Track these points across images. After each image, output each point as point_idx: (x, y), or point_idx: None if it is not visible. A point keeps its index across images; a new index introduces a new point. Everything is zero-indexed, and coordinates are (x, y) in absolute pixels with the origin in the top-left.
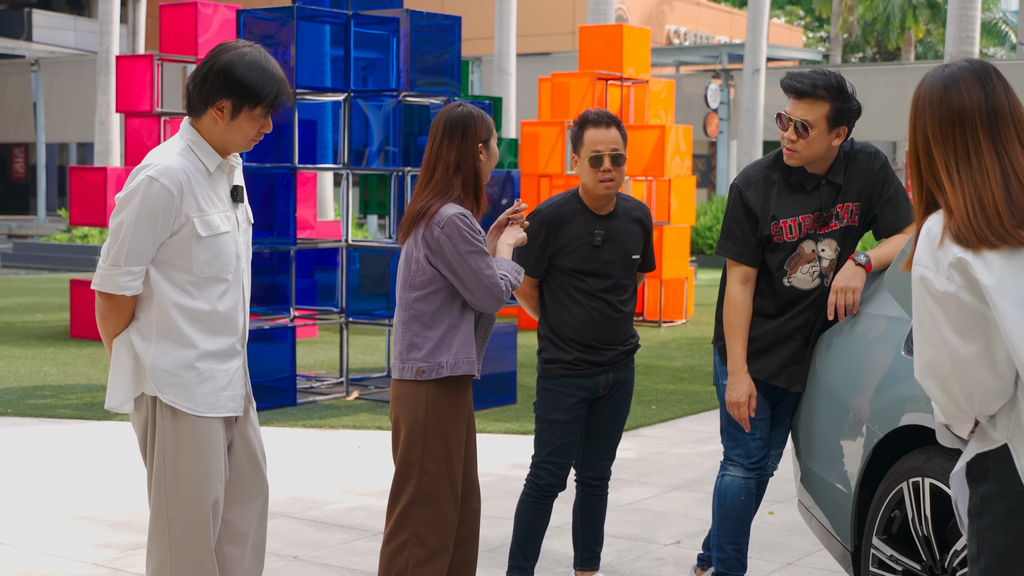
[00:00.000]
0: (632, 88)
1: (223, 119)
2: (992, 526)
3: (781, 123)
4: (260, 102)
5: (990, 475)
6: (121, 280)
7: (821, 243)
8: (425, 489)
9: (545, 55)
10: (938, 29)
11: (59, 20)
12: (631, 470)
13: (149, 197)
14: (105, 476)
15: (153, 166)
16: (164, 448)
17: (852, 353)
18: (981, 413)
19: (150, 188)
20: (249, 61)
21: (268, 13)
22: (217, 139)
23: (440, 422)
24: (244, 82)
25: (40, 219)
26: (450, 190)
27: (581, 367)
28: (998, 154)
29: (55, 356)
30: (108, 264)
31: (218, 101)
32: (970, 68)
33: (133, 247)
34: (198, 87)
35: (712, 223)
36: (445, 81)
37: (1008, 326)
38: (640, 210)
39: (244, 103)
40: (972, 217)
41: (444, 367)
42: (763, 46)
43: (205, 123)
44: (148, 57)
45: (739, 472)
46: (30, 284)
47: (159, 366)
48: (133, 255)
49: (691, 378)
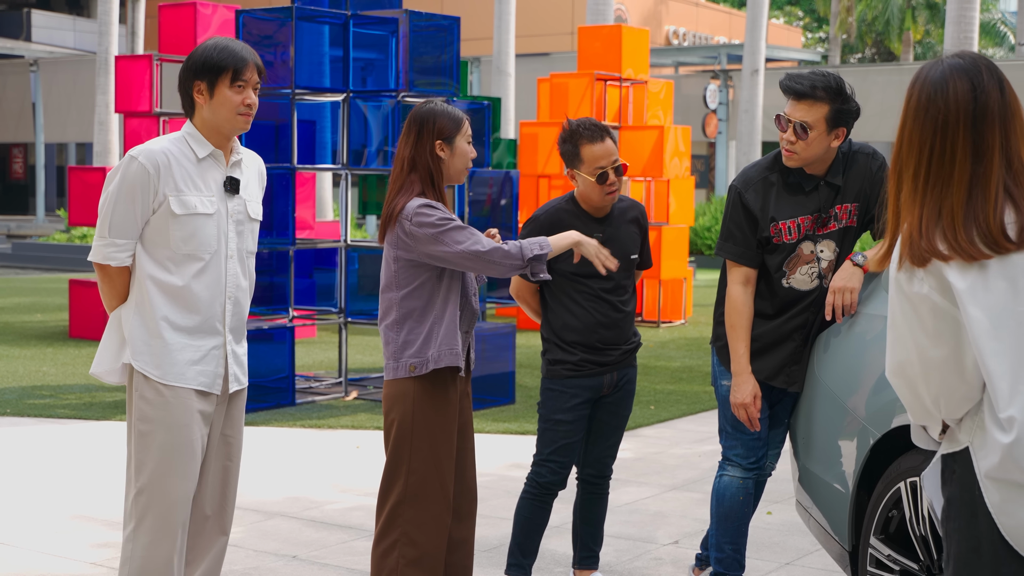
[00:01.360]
0: (631, 88)
1: (204, 101)
2: (957, 530)
3: (780, 124)
4: (225, 71)
5: (954, 477)
6: (106, 251)
7: (820, 244)
8: (413, 489)
9: (544, 55)
10: (937, 30)
11: (58, 20)
12: (630, 470)
13: (128, 174)
14: (104, 476)
15: (137, 148)
16: (135, 417)
17: (850, 353)
18: (947, 416)
19: (129, 166)
20: (210, 44)
21: (267, 13)
22: (208, 124)
23: (427, 420)
24: (208, 60)
25: (39, 219)
26: (411, 186)
27: (586, 368)
28: (975, 163)
29: (54, 356)
30: (96, 236)
31: (194, 85)
32: (961, 67)
33: (115, 220)
34: (181, 84)
35: (711, 223)
36: (444, 81)
37: (977, 332)
38: (635, 209)
39: (216, 77)
40: (925, 230)
41: (430, 361)
42: (762, 47)
43: (197, 115)
44: (147, 57)
45: (737, 472)
46: (29, 284)
47: (135, 335)
48: (116, 228)
49: (690, 378)
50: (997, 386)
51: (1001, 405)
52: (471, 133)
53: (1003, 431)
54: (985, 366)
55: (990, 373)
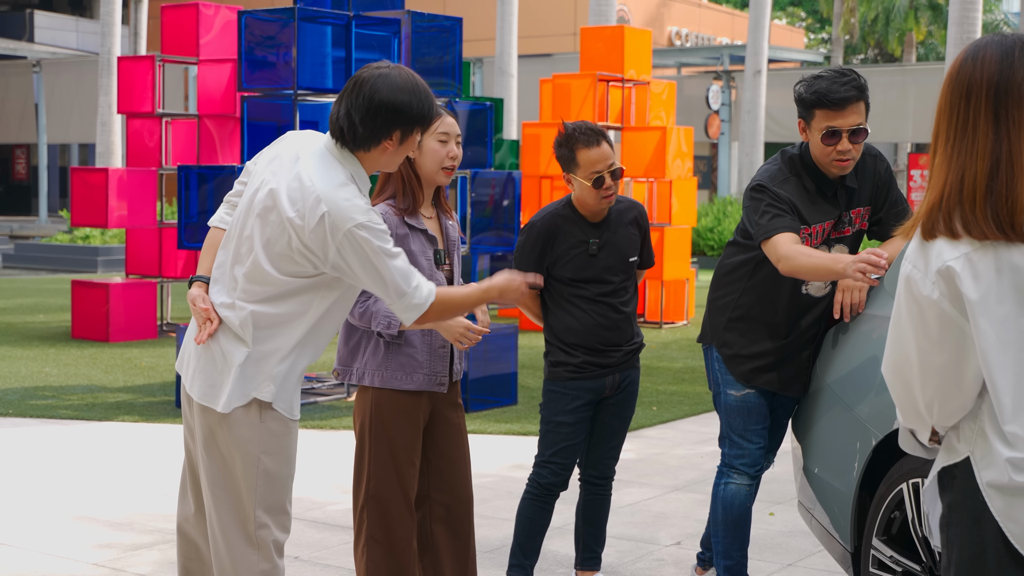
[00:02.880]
0: (633, 89)
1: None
2: (959, 536)
3: (830, 140)
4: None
5: (955, 484)
6: None
7: (834, 248)
8: (373, 492)
9: (546, 56)
10: (939, 31)
11: (61, 21)
12: (632, 471)
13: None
14: (106, 477)
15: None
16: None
17: (853, 353)
18: (938, 424)
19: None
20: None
21: (269, 14)
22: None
23: (384, 426)
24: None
25: (42, 220)
26: (386, 187)
27: (588, 370)
28: (996, 136)
29: (56, 357)
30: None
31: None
32: (998, 42)
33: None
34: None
35: (713, 224)
36: (446, 82)
37: (985, 345)
38: (634, 210)
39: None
40: (945, 200)
41: (354, 373)
42: (764, 47)
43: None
44: (149, 58)
45: (744, 480)
46: (31, 285)
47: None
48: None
49: (692, 379)
50: (1002, 400)
51: (1005, 418)
52: (450, 132)
53: (1007, 445)
54: (991, 379)
55: (996, 386)
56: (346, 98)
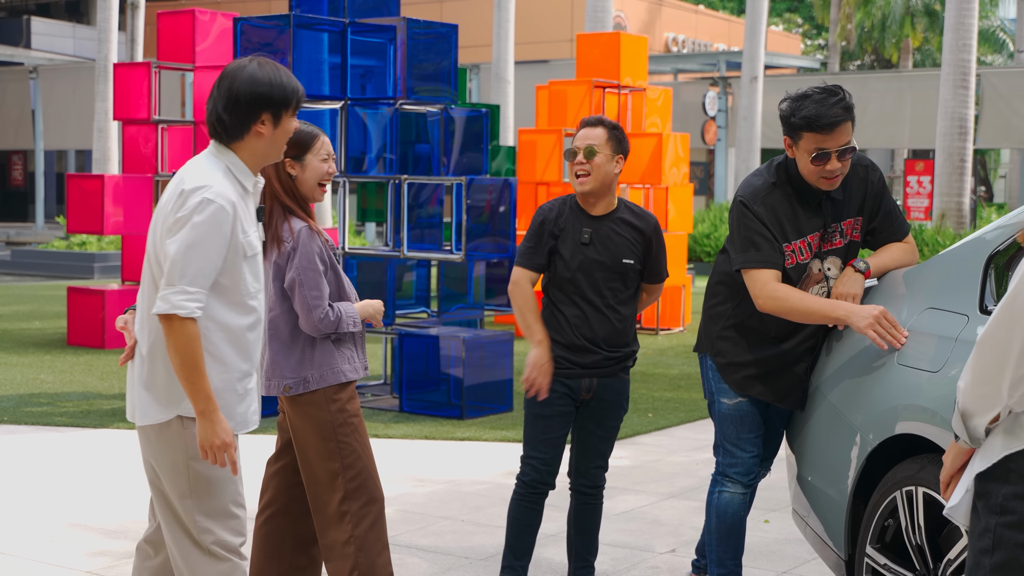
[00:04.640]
0: (629, 96)
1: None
2: (1014, 524)
3: (820, 161)
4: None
5: (1012, 476)
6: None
7: (826, 261)
8: (361, 484)
9: (543, 63)
10: (935, 37)
11: (58, 27)
12: (627, 478)
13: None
14: (101, 484)
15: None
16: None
17: (847, 361)
18: (1016, 406)
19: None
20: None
21: (265, 21)
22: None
23: (351, 416)
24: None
25: (38, 226)
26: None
27: (563, 365)
28: None
29: (52, 364)
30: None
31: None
32: None
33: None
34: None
35: (710, 231)
36: (442, 89)
37: None
38: (643, 220)
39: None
40: None
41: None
42: (761, 54)
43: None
44: (146, 65)
45: (738, 488)
46: (28, 291)
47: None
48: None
49: (688, 386)
50: None
51: None
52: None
53: None
54: None
55: None
56: (212, 95)
